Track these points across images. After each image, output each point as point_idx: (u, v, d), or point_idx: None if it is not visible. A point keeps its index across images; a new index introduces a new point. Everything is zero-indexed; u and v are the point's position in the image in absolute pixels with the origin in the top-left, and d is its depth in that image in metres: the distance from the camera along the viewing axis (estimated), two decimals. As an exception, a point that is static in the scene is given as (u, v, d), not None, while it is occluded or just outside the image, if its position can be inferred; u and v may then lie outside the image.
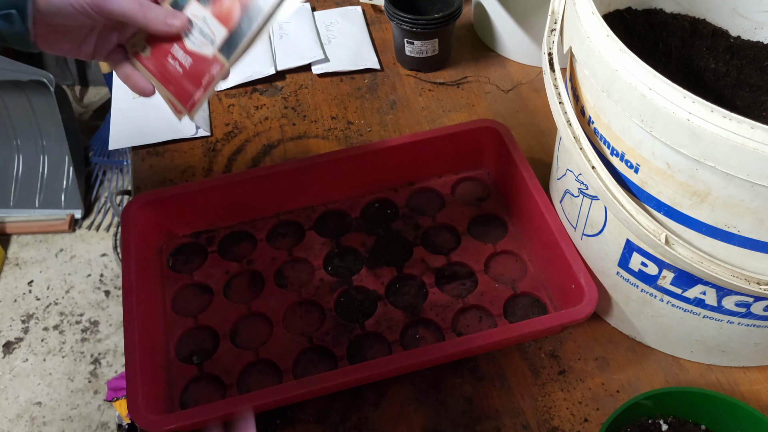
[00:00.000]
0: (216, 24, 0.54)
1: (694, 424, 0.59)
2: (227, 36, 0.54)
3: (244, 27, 0.54)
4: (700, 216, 0.50)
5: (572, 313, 0.61)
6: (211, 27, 0.54)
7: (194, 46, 0.55)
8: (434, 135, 0.76)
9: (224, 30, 0.54)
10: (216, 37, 0.54)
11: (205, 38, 0.54)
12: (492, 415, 0.62)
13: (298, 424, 0.62)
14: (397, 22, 0.88)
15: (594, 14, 0.52)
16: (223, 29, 0.54)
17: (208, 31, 0.54)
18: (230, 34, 0.54)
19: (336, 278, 0.72)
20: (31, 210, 1.86)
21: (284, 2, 0.53)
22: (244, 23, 0.54)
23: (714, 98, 0.53)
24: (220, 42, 0.54)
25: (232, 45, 0.54)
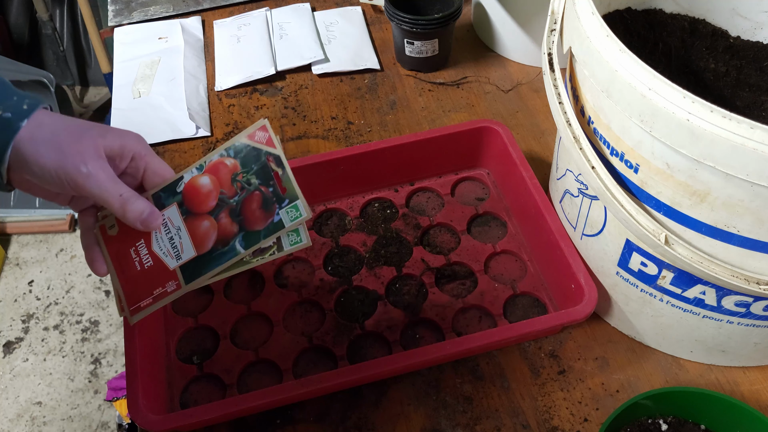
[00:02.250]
0: (188, 241, 0.52)
1: (693, 423, 0.59)
2: (193, 259, 0.51)
3: (212, 262, 0.51)
4: (699, 216, 0.50)
5: (572, 313, 0.61)
6: (182, 241, 0.52)
7: (160, 251, 0.52)
8: (434, 135, 0.76)
9: (192, 252, 0.51)
10: (183, 254, 0.51)
11: (173, 249, 0.52)
12: (492, 415, 0.62)
13: (298, 424, 0.62)
14: (397, 22, 0.88)
15: (594, 14, 0.52)
16: (192, 251, 0.51)
17: (178, 244, 0.52)
18: (196, 260, 0.51)
19: (336, 278, 0.72)
20: (31, 210, 1.86)
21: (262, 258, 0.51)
22: (214, 259, 0.51)
23: (714, 98, 0.53)
24: (185, 261, 0.51)
25: (195, 273, 0.51)
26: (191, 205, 0.52)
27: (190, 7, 1.08)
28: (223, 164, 0.53)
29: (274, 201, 0.51)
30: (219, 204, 0.52)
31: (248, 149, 0.53)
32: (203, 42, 1.02)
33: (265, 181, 0.52)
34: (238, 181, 0.52)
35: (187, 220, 0.52)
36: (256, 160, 0.52)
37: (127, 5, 1.08)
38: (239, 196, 0.52)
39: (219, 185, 0.53)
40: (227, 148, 0.53)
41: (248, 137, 0.53)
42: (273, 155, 0.52)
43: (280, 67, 0.95)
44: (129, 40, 1.02)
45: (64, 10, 2.12)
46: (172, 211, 0.52)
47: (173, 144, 0.87)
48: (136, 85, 0.95)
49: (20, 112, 0.47)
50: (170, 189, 0.53)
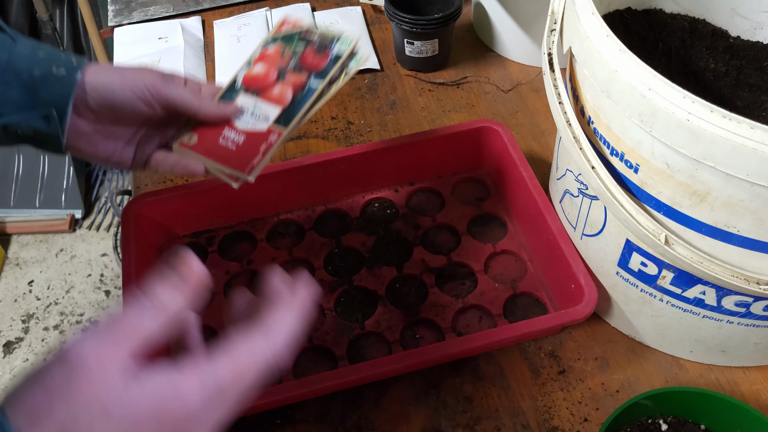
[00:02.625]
0: (268, 106, 0.57)
1: (693, 423, 0.59)
2: (281, 112, 0.57)
3: (299, 105, 0.57)
4: (699, 216, 0.50)
5: (572, 313, 0.61)
6: (264, 109, 0.57)
7: (247, 126, 0.57)
8: (434, 135, 0.76)
9: (278, 108, 0.57)
10: (270, 115, 0.57)
11: (257, 119, 0.57)
12: (492, 415, 0.62)
13: (298, 424, 0.62)
14: (397, 22, 0.88)
15: (594, 14, 0.52)
16: (277, 108, 0.57)
17: (260, 113, 0.57)
18: (285, 110, 0.57)
19: (336, 278, 0.72)
20: (31, 210, 1.86)
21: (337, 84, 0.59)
22: (299, 102, 0.57)
23: (714, 98, 0.53)
24: (275, 117, 0.57)
25: (289, 116, 0.57)
26: (257, 85, 0.59)
27: (190, 7, 1.08)
28: (267, 51, 0.61)
29: (325, 45, 0.60)
30: (280, 73, 0.59)
31: (282, 34, 0.61)
32: (203, 42, 1.02)
33: (308, 40, 0.60)
34: (286, 54, 0.60)
35: (258, 96, 0.58)
36: (293, 38, 0.61)
37: (127, 5, 1.08)
38: (293, 60, 0.59)
39: (274, 63, 0.60)
40: (266, 42, 0.61)
41: (278, 29, 0.62)
42: (305, 28, 0.61)
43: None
44: (129, 40, 1.02)
45: (64, 10, 2.11)
46: (241, 99, 0.58)
47: (173, 144, 0.87)
48: (136, 85, 0.95)
49: (73, 65, 0.50)
50: (230, 90, 0.59)
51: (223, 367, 0.31)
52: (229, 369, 0.31)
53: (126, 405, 0.30)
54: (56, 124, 0.49)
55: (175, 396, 0.30)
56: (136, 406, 0.30)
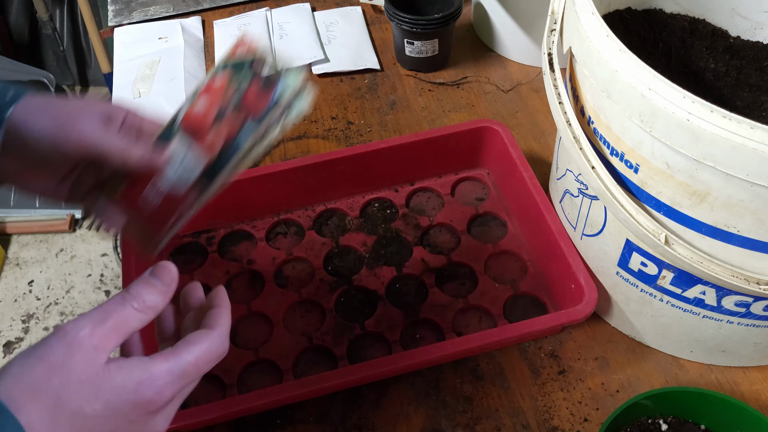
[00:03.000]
0: (197, 157, 0.51)
1: (693, 423, 0.59)
2: (206, 167, 0.51)
3: (225, 160, 0.50)
4: (699, 216, 0.50)
5: (572, 313, 0.61)
6: (191, 162, 0.51)
7: (170, 181, 0.51)
8: (434, 135, 0.76)
9: (203, 165, 0.51)
10: (195, 171, 0.51)
11: (183, 173, 0.51)
12: (492, 415, 0.62)
13: (298, 424, 0.62)
14: (397, 23, 0.88)
15: (594, 14, 0.52)
16: (202, 162, 0.51)
17: (188, 166, 0.51)
18: (210, 165, 0.51)
19: (336, 278, 0.72)
20: (31, 210, 1.86)
21: (266, 140, 0.51)
22: (227, 157, 0.50)
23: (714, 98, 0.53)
24: (196, 178, 0.51)
25: (213, 174, 0.51)
26: (194, 128, 0.52)
27: (190, 7, 1.08)
28: (214, 82, 0.53)
29: (271, 80, 0.52)
30: (219, 113, 0.52)
31: (234, 61, 0.53)
32: (203, 42, 1.02)
33: (258, 70, 0.52)
34: (231, 87, 0.53)
35: (192, 143, 0.52)
36: (243, 66, 0.53)
37: (127, 5, 1.08)
38: (236, 96, 0.52)
39: (216, 98, 0.53)
40: (214, 70, 0.54)
41: (231, 55, 0.54)
42: (258, 53, 0.53)
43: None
44: (129, 40, 1.02)
45: (64, 10, 2.12)
46: (176, 141, 0.52)
47: (173, 144, 0.87)
48: (136, 85, 0.95)
49: (6, 100, 0.47)
50: (169, 128, 0.53)
51: (186, 357, 0.39)
52: (192, 357, 0.39)
53: (110, 387, 0.36)
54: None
55: (149, 379, 0.37)
56: (119, 388, 0.36)
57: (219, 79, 0.53)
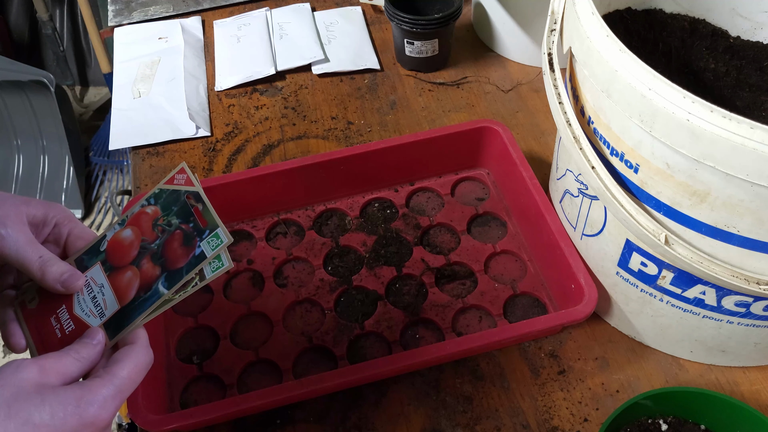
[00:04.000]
0: (111, 296, 0.50)
1: (693, 424, 0.59)
2: (116, 313, 0.49)
3: (135, 311, 0.49)
4: (699, 216, 0.50)
5: (572, 313, 0.61)
6: (105, 297, 0.50)
7: (82, 313, 0.49)
8: (434, 135, 0.76)
9: (116, 306, 0.49)
10: (107, 310, 0.49)
11: (96, 308, 0.49)
12: (492, 415, 0.62)
13: (298, 424, 0.62)
14: (397, 23, 0.88)
15: (594, 14, 0.52)
16: (116, 305, 0.49)
17: (101, 301, 0.50)
18: (119, 313, 0.49)
19: (336, 278, 0.72)
20: (31, 210, 1.85)
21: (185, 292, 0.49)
22: (137, 307, 0.49)
23: (714, 98, 0.54)
24: (108, 317, 0.49)
25: (119, 326, 0.48)
26: (113, 260, 0.51)
27: (190, 7, 1.08)
28: (144, 213, 0.52)
29: (195, 235, 0.50)
30: (141, 252, 0.51)
31: (168, 193, 0.52)
32: (203, 42, 1.02)
33: (185, 218, 0.51)
34: (159, 225, 0.51)
35: (110, 275, 0.50)
36: (176, 201, 0.51)
37: (127, 5, 1.08)
38: (160, 239, 0.51)
39: (140, 234, 0.51)
40: (147, 197, 0.53)
41: (167, 182, 0.52)
42: (192, 193, 0.51)
43: (280, 67, 0.95)
44: (129, 40, 1.02)
45: (64, 10, 2.12)
46: (95, 270, 0.51)
47: (173, 144, 0.87)
48: (136, 85, 0.95)
49: None
50: (93, 250, 0.52)
51: (119, 373, 0.43)
52: (125, 372, 0.43)
53: (56, 399, 0.40)
54: None
55: (90, 395, 0.41)
56: (64, 401, 0.40)
57: (150, 210, 0.52)
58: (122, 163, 1.93)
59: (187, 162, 0.85)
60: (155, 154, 0.86)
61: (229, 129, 0.89)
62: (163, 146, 0.87)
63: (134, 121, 0.90)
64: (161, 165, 0.85)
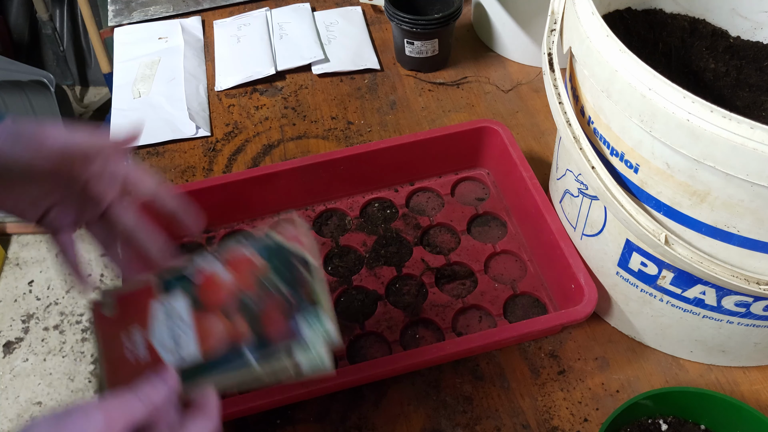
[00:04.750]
0: (191, 337, 0.45)
1: (693, 424, 0.59)
2: (192, 363, 0.44)
3: (215, 367, 0.44)
4: (699, 216, 0.50)
5: (572, 313, 0.61)
6: (185, 335, 0.45)
7: (157, 342, 0.45)
8: (434, 135, 0.76)
9: (194, 349, 0.44)
10: (183, 350, 0.45)
11: (173, 343, 0.45)
12: (492, 415, 0.62)
13: (298, 424, 0.62)
14: (397, 23, 0.88)
15: (594, 14, 0.52)
16: (194, 349, 0.44)
17: (179, 337, 0.45)
18: (197, 365, 0.44)
19: (336, 278, 0.72)
20: (31, 210, 1.85)
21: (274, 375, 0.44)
22: (218, 363, 0.44)
23: (714, 98, 0.53)
24: (186, 361, 0.44)
25: (194, 374, 0.44)
26: (204, 298, 0.47)
27: (190, 7, 1.08)
28: (247, 260, 0.48)
29: (297, 310, 0.45)
30: (235, 302, 0.46)
31: (277, 247, 0.48)
32: (203, 42, 1.02)
33: (291, 285, 0.46)
34: (261, 280, 0.47)
35: (196, 313, 0.46)
36: (283, 261, 0.47)
37: (127, 5, 1.08)
38: (260, 297, 0.46)
39: (241, 283, 0.47)
40: (254, 242, 0.48)
41: (279, 233, 0.48)
42: (303, 258, 0.47)
43: (280, 67, 0.95)
44: (129, 40, 1.02)
45: (64, 10, 2.12)
46: (177, 298, 0.47)
47: (173, 144, 0.87)
48: (136, 85, 0.95)
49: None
50: (180, 273, 0.48)
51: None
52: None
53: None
54: None
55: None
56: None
57: (257, 260, 0.47)
58: (122, 163, 1.92)
59: (187, 162, 0.85)
60: (155, 154, 0.86)
61: (229, 129, 0.89)
62: (163, 146, 0.87)
63: (134, 121, 0.90)
64: (161, 165, 0.85)
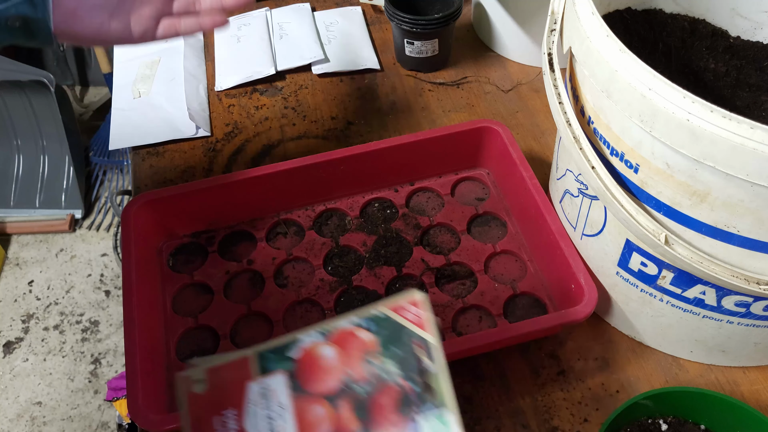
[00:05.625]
0: (291, 427, 0.40)
1: (693, 424, 0.59)
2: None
3: None
4: (699, 216, 0.50)
5: (572, 313, 0.61)
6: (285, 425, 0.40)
7: (253, 430, 0.41)
8: (434, 135, 0.76)
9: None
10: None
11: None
12: (492, 415, 0.62)
13: (298, 424, 0.62)
14: (397, 23, 0.88)
15: (594, 14, 0.52)
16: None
17: (278, 427, 0.40)
18: None
19: (336, 278, 0.72)
20: (31, 210, 1.86)
21: None
22: None
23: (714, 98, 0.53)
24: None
25: None
26: (305, 381, 0.42)
27: (190, 7, 1.07)
28: (356, 337, 0.42)
29: (416, 403, 0.40)
30: (342, 389, 0.41)
31: (392, 324, 0.42)
32: (203, 42, 1.02)
33: (407, 372, 0.41)
34: (372, 364, 0.41)
35: (296, 398, 0.41)
36: (399, 342, 0.41)
37: (127, 5, 1.08)
38: (370, 384, 0.41)
39: (347, 363, 0.42)
40: (365, 317, 0.43)
41: (394, 309, 0.43)
42: (424, 341, 0.41)
43: (280, 67, 0.95)
44: (129, 40, 1.02)
45: (64, 10, 2.11)
46: (277, 381, 0.42)
47: (173, 144, 0.87)
48: (136, 85, 0.95)
49: None
50: (280, 351, 0.43)
51: None
52: None
53: None
54: (42, 4, 0.47)
55: None
56: None
57: (366, 337, 0.42)
58: (122, 163, 1.93)
59: (187, 162, 0.85)
60: (155, 154, 0.86)
61: (229, 129, 0.89)
62: (163, 146, 0.87)
63: (134, 121, 0.90)
64: (161, 165, 0.85)
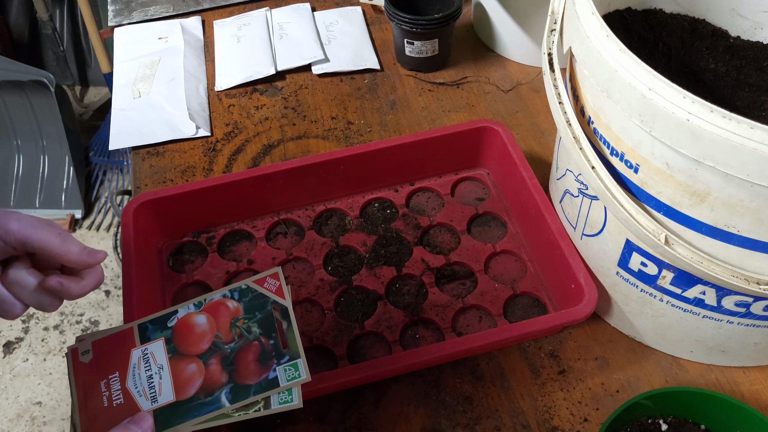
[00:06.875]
0: (168, 383, 0.47)
1: (693, 424, 0.59)
2: (170, 404, 0.46)
3: (190, 412, 0.46)
4: (699, 216, 0.50)
5: (572, 313, 0.61)
6: (162, 381, 0.47)
7: (134, 389, 0.47)
8: (434, 135, 0.76)
9: (171, 396, 0.46)
10: (160, 396, 0.47)
11: (149, 389, 0.47)
12: (492, 415, 0.62)
13: (298, 424, 0.62)
14: (397, 23, 0.88)
15: (594, 14, 0.52)
16: (171, 395, 0.47)
17: (156, 384, 0.47)
18: (173, 406, 0.46)
19: (336, 278, 0.72)
20: (31, 210, 1.86)
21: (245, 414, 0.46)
22: (193, 408, 0.46)
23: (714, 98, 0.53)
24: (160, 405, 0.46)
25: (169, 421, 0.46)
26: (180, 344, 0.48)
27: (190, 7, 1.08)
28: (225, 306, 0.50)
29: (273, 355, 0.47)
30: (211, 348, 0.48)
31: (254, 294, 0.50)
32: (203, 42, 1.02)
33: (266, 331, 0.48)
34: (237, 326, 0.49)
35: (172, 359, 0.48)
36: (260, 308, 0.49)
37: (127, 5, 1.08)
38: (236, 343, 0.48)
39: (215, 327, 0.49)
40: (232, 289, 0.50)
41: (257, 282, 0.50)
42: (280, 305, 0.49)
43: (280, 67, 0.95)
44: (129, 40, 1.02)
45: (64, 10, 2.11)
46: (157, 347, 0.48)
47: (173, 144, 0.87)
48: (136, 85, 0.95)
49: None
50: (160, 322, 0.50)
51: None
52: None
53: None
54: None
55: None
56: None
57: (232, 305, 0.50)
58: (122, 163, 1.93)
59: (187, 162, 0.85)
60: (155, 154, 0.86)
61: (229, 129, 0.89)
62: (163, 146, 0.87)
63: (134, 121, 0.90)
64: (161, 165, 0.85)
